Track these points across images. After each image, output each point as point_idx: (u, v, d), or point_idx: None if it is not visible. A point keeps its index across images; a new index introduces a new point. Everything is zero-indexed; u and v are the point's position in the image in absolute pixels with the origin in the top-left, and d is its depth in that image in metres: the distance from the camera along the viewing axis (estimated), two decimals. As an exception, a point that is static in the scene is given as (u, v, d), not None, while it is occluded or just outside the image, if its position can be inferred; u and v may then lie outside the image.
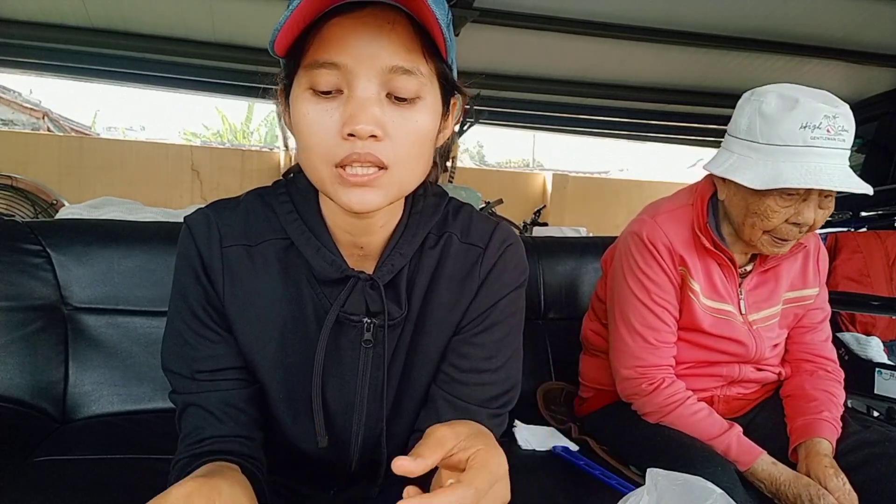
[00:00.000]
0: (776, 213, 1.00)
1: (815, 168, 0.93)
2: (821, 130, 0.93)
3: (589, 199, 6.56)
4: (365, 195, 0.56)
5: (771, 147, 0.97)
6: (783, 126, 0.95)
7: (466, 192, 3.43)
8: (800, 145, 0.94)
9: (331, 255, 0.64)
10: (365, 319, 0.66)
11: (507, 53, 3.89)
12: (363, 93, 0.53)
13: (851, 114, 0.97)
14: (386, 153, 0.55)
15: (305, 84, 0.55)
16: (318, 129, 0.54)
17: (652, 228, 1.11)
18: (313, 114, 0.55)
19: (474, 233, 0.70)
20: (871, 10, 3.13)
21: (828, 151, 0.94)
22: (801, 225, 1.00)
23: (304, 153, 0.57)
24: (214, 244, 0.64)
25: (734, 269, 1.11)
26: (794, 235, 1.02)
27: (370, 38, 0.53)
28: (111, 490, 0.90)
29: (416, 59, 0.55)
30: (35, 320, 1.15)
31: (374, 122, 0.53)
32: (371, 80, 0.53)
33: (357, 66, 0.53)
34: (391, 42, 0.53)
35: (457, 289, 0.68)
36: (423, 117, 0.57)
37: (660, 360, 1.11)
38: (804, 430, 1.06)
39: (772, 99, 0.98)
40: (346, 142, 0.54)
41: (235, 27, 3.61)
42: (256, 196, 0.69)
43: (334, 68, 0.53)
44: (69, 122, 10.10)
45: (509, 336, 0.71)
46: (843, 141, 0.95)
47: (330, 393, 0.68)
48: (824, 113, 0.93)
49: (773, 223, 1.01)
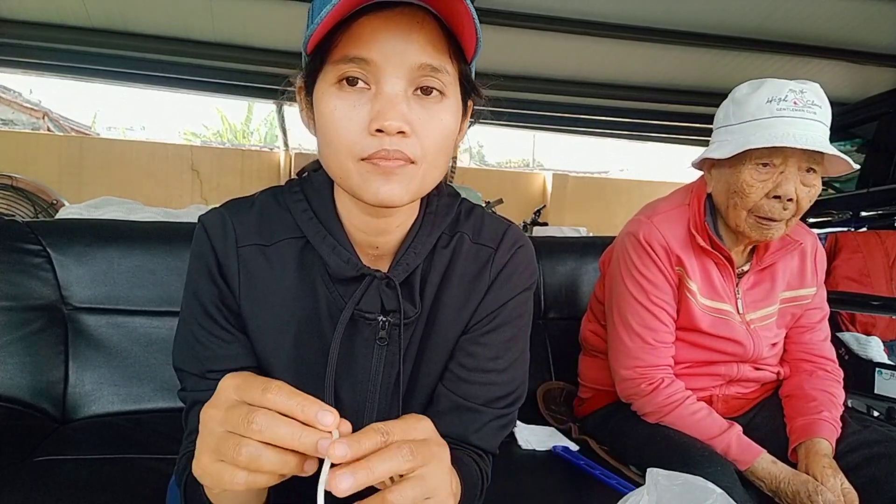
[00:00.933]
0: (752, 186, 1.01)
1: (781, 133, 0.95)
2: (787, 102, 0.97)
3: (589, 199, 6.57)
4: (392, 186, 0.56)
5: (742, 124, 1.01)
6: (751, 103, 1.00)
7: (466, 191, 3.43)
8: (766, 117, 0.98)
9: (347, 254, 0.64)
10: (380, 317, 0.66)
11: (507, 53, 3.90)
12: (392, 89, 0.54)
13: (823, 93, 0.99)
14: (413, 149, 0.55)
15: (333, 79, 0.55)
16: (345, 124, 0.55)
17: (648, 229, 1.11)
18: (341, 109, 0.55)
19: (486, 233, 0.71)
20: (871, 10, 3.13)
21: (796, 121, 0.96)
22: (783, 199, 1.00)
23: (328, 147, 0.57)
24: (230, 244, 0.64)
25: (731, 268, 1.11)
26: (778, 213, 1.01)
27: (400, 35, 0.53)
28: (111, 490, 0.90)
29: (443, 59, 0.55)
30: (35, 320, 1.15)
31: (402, 119, 0.53)
32: (400, 76, 0.54)
33: (386, 62, 0.53)
34: (421, 40, 0.54)
35: (467, 288, 0.69)
36: (447, 116, 0.57)
37: (658, 361, 1.11)
38: (804, 430, 1.06)
39: (743, 86, 1.04)
40: (374, 137, 0.54)
41: (235, 27, 3.61)
42: (271, 195, 0.69)
43: (363, 64, 0.53)
44: (69, 122, 10.10)
45: (516, 337, 0.71)
46: (814, 114, 0.96)
47: (343, 390, 0.68)
48: (790, 87, 0.98)
49: (753, 199, 1.02)
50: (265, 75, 4.04)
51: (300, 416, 0.41)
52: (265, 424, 0.40)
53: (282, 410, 0.41)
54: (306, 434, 0.41)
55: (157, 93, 7.40)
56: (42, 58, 3.85)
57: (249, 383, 0.43)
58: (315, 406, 0.41)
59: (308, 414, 0.41)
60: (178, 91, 4.53)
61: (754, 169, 1.00)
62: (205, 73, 4.10)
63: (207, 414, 0.44)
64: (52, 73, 4.20)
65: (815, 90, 0.99)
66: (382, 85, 0.54)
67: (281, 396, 0.41)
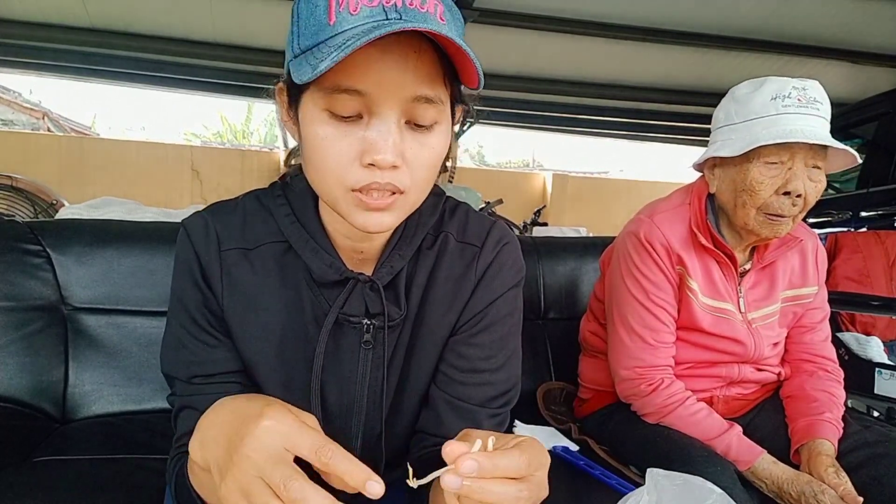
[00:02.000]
0: (762, 184, 1.01)
1: (789, 130, 0.97)
2: (791, 99, 0.98)
3: (589, 200, 6.56)
4: (382, 218, 0.56)
5: (747, 122, 1.02)
6: (755, 101, 1.01)
7: (466, 192, 3.44)
8: (772, 114, 0.99)
9: (329, 258, 0.64)
10: (364, 321, 0.66)
11: (507, 53, 3.90)
12: (385, 123, 0.52)
13: (823, 90, 1.01)
14: (403, 180, 0.54)
15: (323, 105, 0.53)
16: (335, 154, 0.53)
17: (649, 228, 1.11)
18: (331, 138, 0.53)
19: (470, 232, 0.70)
20: (871, 10, 3.13)
21: (801, 118, 0.98)
22: (791, 195, 1.00)
23: (317, 173, 0.56)
24: (212, 248, 0.64)
25: (734, 266, 1.11)
26: (787, 209, 1.01)
27: (395, 66, 0.51)
28: (111, 490, 0.90)
29: (438, 88, 0.54)
30: (35, 320, 1.15)
31: (394, 153, 0.52)
32: (393, 108, 0.52)
33: (380, 94, 0.51)
34: (416, 71, 0.52)
35: (453, 288, 0.69)
36: (437, 142, 0.56)
37: (658, 361, 1.11)
38: (806, 431, 1.06)
39: (742, 85, 1.05)
40: (366, 169, 0.53)
41: (235, 27, 3.61)
42: (254, 199, 0.68)
43: (356, 94, 0.51)
44: (69, 122, 10.11)
45: (508, 336, 0.71)
46: (818, 110, 0.98)
47: (329, 394, 0.68)
48: (793, 84, 0.99)
49: (763, 196, 1.02)
50: (265, 75, 4.02)
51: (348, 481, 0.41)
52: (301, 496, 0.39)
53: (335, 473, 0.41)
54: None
55: (157, 93, 7.41)
56: (42, 58, 3.85)
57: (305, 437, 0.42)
58: (364, 474, 0.41)
59: (357, 482, 0.41)
60: (178, 91, 4.53)
61: (763, 166, 1.01)
62: (205, 73, 4.10)
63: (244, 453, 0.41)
64: (52, 73, 4.20)
65: (816, 87, 1.00)
66: (375, 117, 0.52)
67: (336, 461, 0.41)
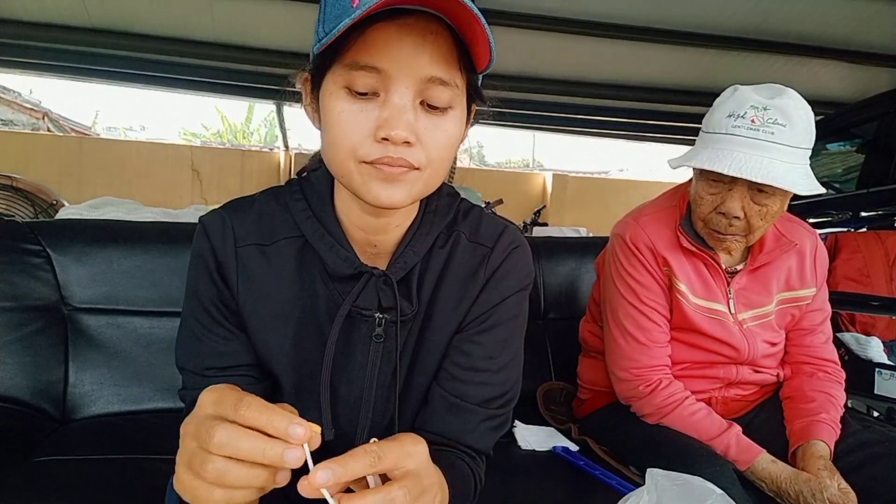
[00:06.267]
0: (703, 199, 1.03)
1: (724, 155, 0.93)
2: (744, 120, 0.93)
3: (589, 199, 6.56)
4: (394, 191, 0.57)
5: (706, 134, 1.01)
6: (715, 115, 0.99)
7: (466, 192, 3.44)
8: (721, 133, 0.96)
9: (344, 252, 0.65)
10: (377, 315, 0.67)
11: (507, 53, 3.89)
12: (400, 100, 0.54)
13: (796, 109, 0.93)
14: (417, 158, 0.56)
15: (342, 82, 0.55)
16: (351, 128, 0.55)
17: (634, 230, 1.12)
18: (347, 112, 0.55)
19: (483, 233, 0.72)
20: (871, 10, 3.13)
21: (749, 142, 0.93)
22: (727, 217, 1.00)
23: (332, 148, 0.58)
24: (229, 244, 0.66)
25: (719, 267, 1.11)
26: (724, 227, 1.02)
27: (412, 46, 0.53)
28: (111, 490, 0.90)
29: (453, 71, 0.56)
30: (35, 320, 1.15)
31: (408, 129, 0.54)
32: (409, 87, 0.54)
33: (397, 72, 0.53)
34: (432, 52, 0.54)
35: (462, 286, 0.70)
36: (452, 126, 0.58)
37: (654, 361, 1.11)
38: (802, 433, 1.06)
39: (726, 91, 1.00)
40: (379, 144, 0.55)
41: (235, 27, 3.61)
42: (271, 195, 0.70)
43: (374, 72, 0.53)
44: (69, 122, 10.09)
45: (511, 338, 0.72)
46: (772, 134, 0.92)
47: (339, 387, 0.69)
48: (751, 103, 0.93)
49: (703, 210, 1.04)
50: (265, 75, 4.03)
51: (270, 430, 0.41)
52: (227, 440, 0.40)
53: (252, 425, 0.41)
54: (270, 447, 0.40)
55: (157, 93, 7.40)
56: (42, 58, 3.84)
57: (225, 398, 0.43)
58: (285, 420, 0.41)
59: (278, 428, 0.41)
60: (178, 91, 4.52)
61: (706, 182, 1.02)
62: (205, 73, 4.08)
63: (184, 429, 0.44)
64: (52, 73, 4.19)
65: (782, 107, 0.92)
66: (391, 94, 0.54)
67: (251, 411, 0.41)
